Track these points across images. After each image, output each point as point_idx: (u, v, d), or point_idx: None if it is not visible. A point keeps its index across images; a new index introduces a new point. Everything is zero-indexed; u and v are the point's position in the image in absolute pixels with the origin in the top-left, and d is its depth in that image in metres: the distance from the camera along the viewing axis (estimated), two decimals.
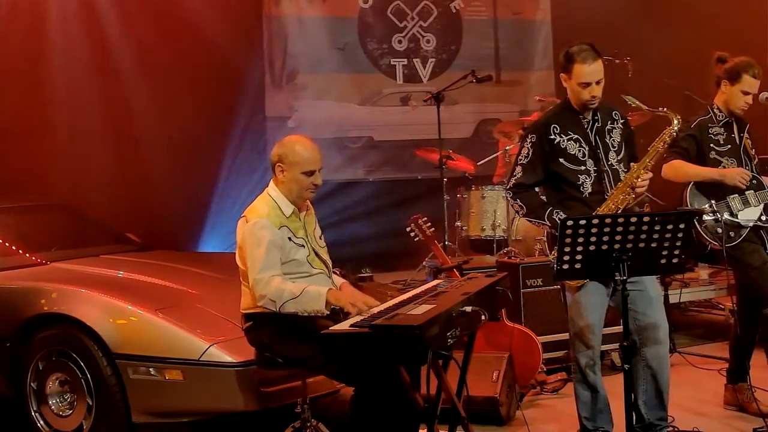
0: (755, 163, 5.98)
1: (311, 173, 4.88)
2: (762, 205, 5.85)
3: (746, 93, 5.86)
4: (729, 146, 5.89)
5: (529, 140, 5.19)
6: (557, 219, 4.95)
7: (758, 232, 5.86)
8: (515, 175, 5.22)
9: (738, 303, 6.01)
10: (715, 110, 5.95)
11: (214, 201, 10.02)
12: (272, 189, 4.94)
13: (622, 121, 5.28)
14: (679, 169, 5.84)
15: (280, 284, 4.69)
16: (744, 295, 5.97)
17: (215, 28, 10.07)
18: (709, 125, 5.90)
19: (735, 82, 5.86)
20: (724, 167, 5.85)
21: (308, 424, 4.96)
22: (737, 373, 6.07)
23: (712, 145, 5.85)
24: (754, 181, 5.87)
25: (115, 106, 9.71)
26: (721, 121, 5.92)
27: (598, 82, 5.06)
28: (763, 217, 5.85)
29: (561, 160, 5.10)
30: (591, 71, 5.03)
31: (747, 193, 5.83)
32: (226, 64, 10.13)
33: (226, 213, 9.90)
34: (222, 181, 10.03)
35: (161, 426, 5.53)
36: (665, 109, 5.38)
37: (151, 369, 5.38)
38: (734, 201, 5.79)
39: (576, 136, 5.12)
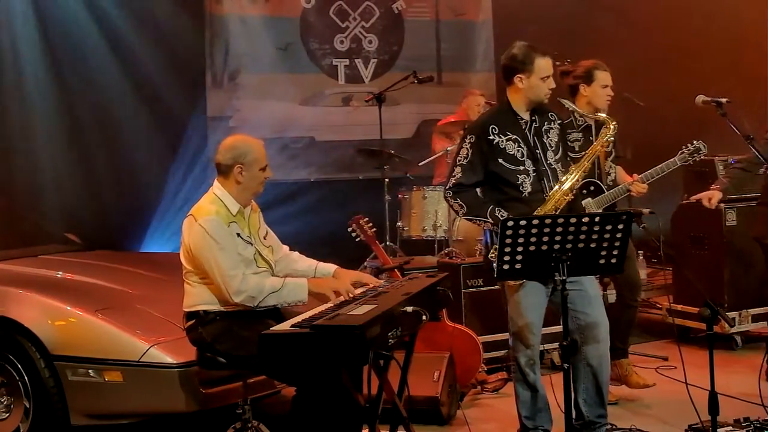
0: (611, 158, 6.16)
1: (265, 167, 4.95)
2: (601, 210, 5.96)
3: (605, 86, 6.09)
4: (584, 153, 5.95)
5: (467, 141, 5.22)
6: (500, 216, 4.98)
7: None
8: (454, 176, 5.24)
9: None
10: (576, 115, 6.02)
11: (155, 200, 9.94)
12: (217, 188, 4.94)
13: (558, 121, 5.36)
14: None
15: (259, 279, 4.77)
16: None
17: (156, 26, 10.00)
18: (569, 131, 5.97)
19: (591, 81, 6.09)
20: None
21: (249, 425, 4.95)
22: (617, 351, 6.31)
23: (567, 151, 5.88)
24: (592, 188, 5.98)
25: (55, 104, 9.60)
26: (581, 126, 6.07)
27: (551, 76, 5.17)
28: None
29: (500, 160, 5.13)
30: (550, 64, 5.18)
31: (584, 202, 5.88)
32: (166, 62, 10.04)
33: (168, 212, 9.83)
34: (163, 181, 9.95)
35: (101, 428, 5.49)
36: (602, 113, 5.45)
37: (90, 370, 5.33)
38: None
39: (514, 136, 5.17)
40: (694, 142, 6.20)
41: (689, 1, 10.63)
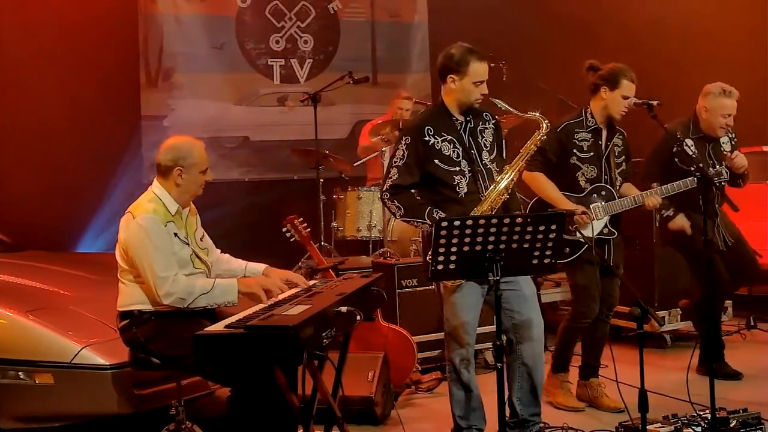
0: (620, 170, 6.09)
1: (206, 171, 4.98)
2: (607, 217, 5.98)
3: (626, 98, 5.92)
4: (592, 153, 5.99)
5: (403, 142, 5.23)
6: (437, 217, 5.00)
7: (602, 244, 6.02)
8: (391, 177, 5.24)
9: None
10: (587, 115, 6.02)
11: (89, 200, 9.84)
12: (156, 187, 4.93)
13: (493, 122, 5.38)
14: (540, 185, 5.99)
15: (189, 281, 4.76)
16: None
17: (89, 25, 9.89)
18: (576, 130, 5.98)
19: (615, 87, 5.92)
20: (583, 173, 5.98)
21: (183, 427, 4.93)
22: (589, 369, 6.31)
23: (575, 150, 5.94)
24: (603, 192, 6.00)
25: None
26: (590, 127, 6.00)
27: (485, 81, 5.17)
28: (606, 230, 5.99)
29: (436, 161, 5.15)
30: (486, 69, 5.17)
31: (593, 206, 5.94)
32: (100, 61, 9.95)
33: (102, 212, 9.74)
34: (97, 180, 9.85)
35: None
36: (536, 113, 5.49)
37: (20, 373, 5.27)
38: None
39: (450, 137, 5.19)
40: (717, 166, 6.34)
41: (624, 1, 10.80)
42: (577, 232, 5.82)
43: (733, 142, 6.74)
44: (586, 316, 6.06)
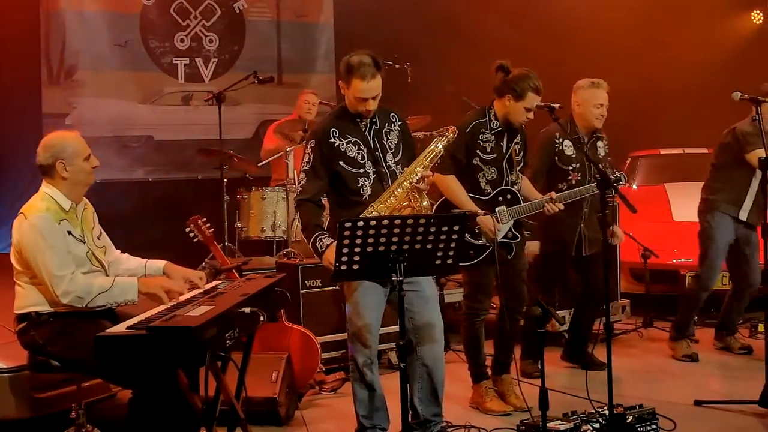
0: (520, 167, 6.09)
1: (88, 157, 4.89)
2: (512, 221, 6.01)
3: (529, 110, 5.89)
4: (494, 155, 5.96)
5: (309, 146, 5.24)
6: (318, 246, 5.09)
7: (506, 246, 6.04)
8: (300, 182, 5.27)
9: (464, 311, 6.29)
10: (491, 116, 5.99)
11: None
12: (47, 187, 4.85)
13: (399, 123, 5.39)
14: (450, 187, 5.93)
15: (87, 279, 4.68)
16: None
17: None
18: (482, 130, 5.94)
19: (520, 99, 5.87)
20: (484, 175, 5.95)
21: (83, 430, 4.87)
22: (500, 365, 6.36)
23: (478, 151, 5.92)
24: (508, 196, 6.01)
25: None
26: (494, 129, 5.97)
27: (374, 97, 5.14)
28: (510, 233, 6.04)
29: (341, 163, 5.16)
30: (368, 88, 5.08)
31: (498, 210, 5.96)
32: None
33: None
34: None
35: None
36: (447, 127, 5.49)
37: None
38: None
39: (355, 139, 5.19)
40: (617, 172, 6.38)
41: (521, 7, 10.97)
42: (482, 238, 5.88)
43: (606, 149, 6.87)
44: (478, 312, 6.11)
